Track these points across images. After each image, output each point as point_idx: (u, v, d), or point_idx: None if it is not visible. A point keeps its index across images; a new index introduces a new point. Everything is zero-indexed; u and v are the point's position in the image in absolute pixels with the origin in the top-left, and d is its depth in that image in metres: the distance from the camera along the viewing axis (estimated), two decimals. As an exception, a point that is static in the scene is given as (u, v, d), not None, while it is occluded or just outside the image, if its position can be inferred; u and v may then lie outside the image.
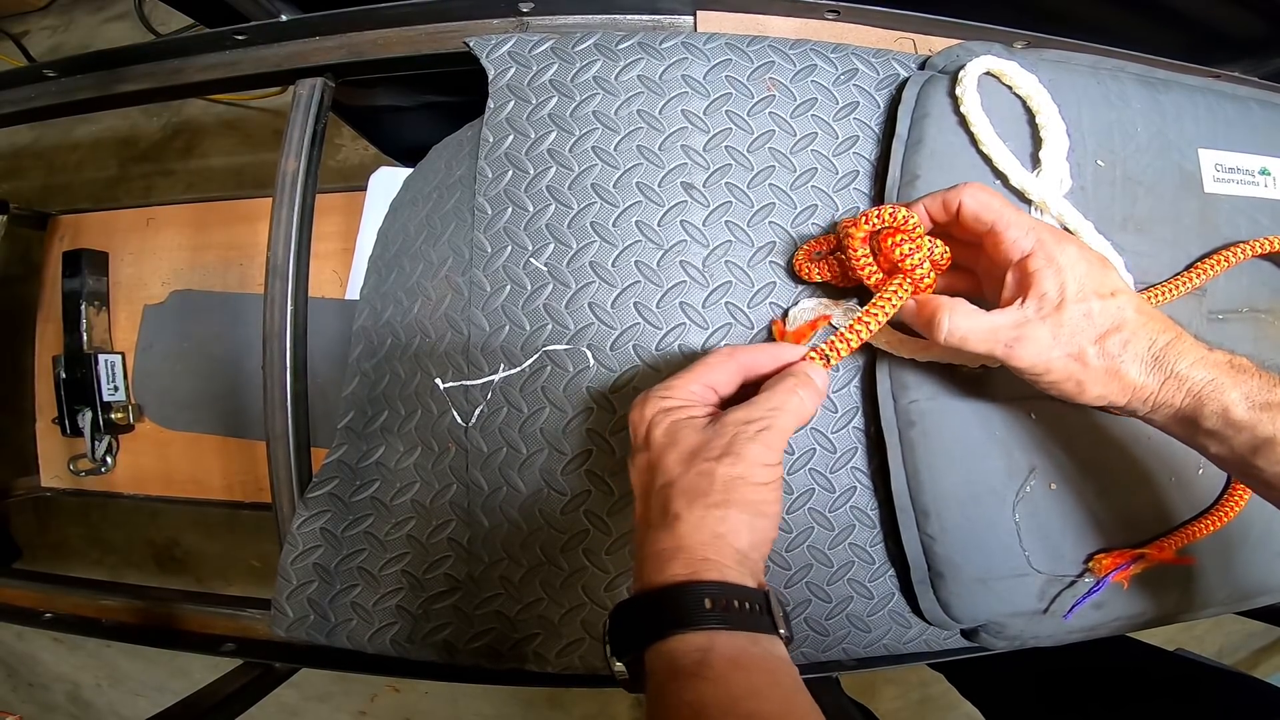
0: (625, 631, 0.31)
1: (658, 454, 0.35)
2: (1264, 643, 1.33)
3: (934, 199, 0.37)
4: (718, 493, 0.32)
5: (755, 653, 0.29)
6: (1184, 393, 0.34)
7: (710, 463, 0.33)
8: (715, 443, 0.33)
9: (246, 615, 0.53)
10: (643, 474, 0.35)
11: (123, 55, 0.56)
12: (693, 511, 0.32)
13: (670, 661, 0.29)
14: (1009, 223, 0.35)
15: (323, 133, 0.54)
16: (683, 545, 0.31)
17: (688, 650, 0.29)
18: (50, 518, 1.42)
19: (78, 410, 0.77)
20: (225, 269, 0.80)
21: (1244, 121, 0.49)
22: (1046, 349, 0.35)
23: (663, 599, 0.30)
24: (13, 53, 1.49)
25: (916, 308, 0.37)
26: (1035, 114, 0.43)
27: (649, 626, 0.30)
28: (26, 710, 1.43)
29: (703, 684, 0.27)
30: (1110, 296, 0.34)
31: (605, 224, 0.46)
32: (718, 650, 0.29)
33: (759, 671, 0.29)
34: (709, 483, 0.32)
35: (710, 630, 0.29)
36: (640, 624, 0.31)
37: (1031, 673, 0.68)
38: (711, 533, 0.32)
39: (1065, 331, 0.34)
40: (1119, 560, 0.43)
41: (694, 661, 0.28)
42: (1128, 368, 0.34)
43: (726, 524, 0.32)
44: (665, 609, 0.30)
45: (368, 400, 0.50)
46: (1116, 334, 0.34)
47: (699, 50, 0.47)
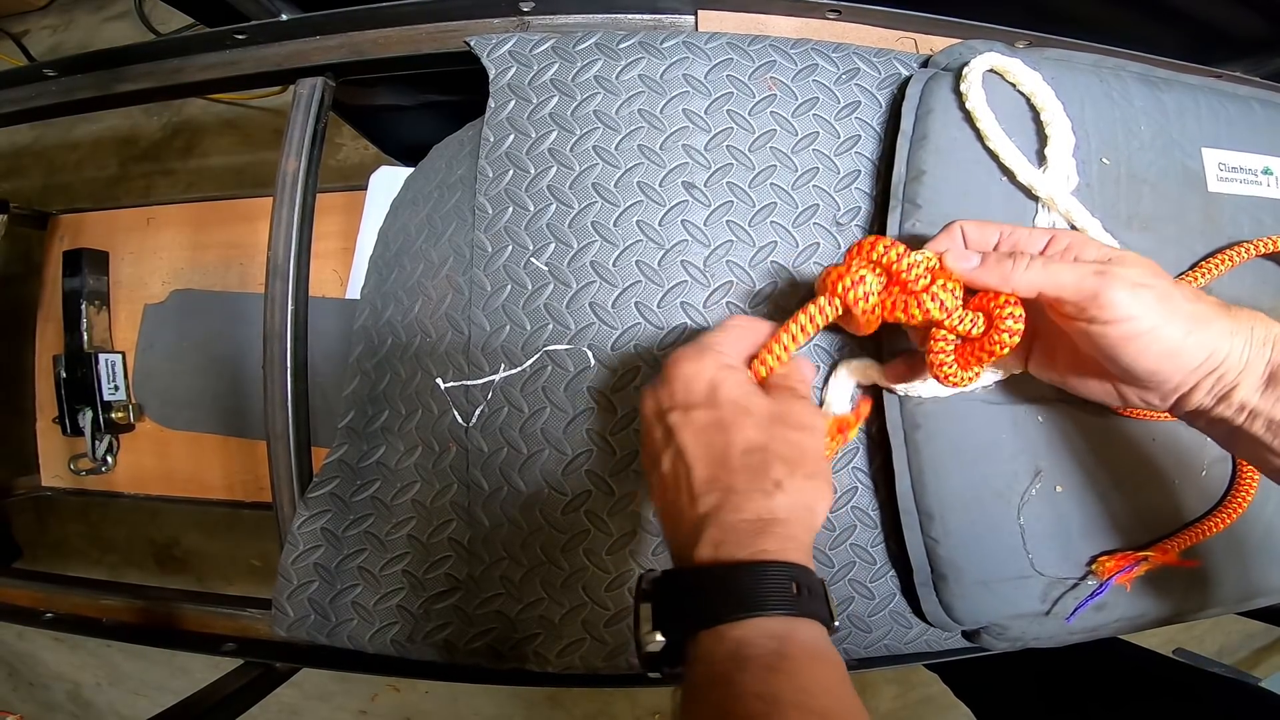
0: (679, 604, 0.29)
1: (733, 413, 0.32)
2: (1264, 642, 1.33)
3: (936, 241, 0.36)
4: (811, 463, 0.31)
5: (825, 645, 0.27)
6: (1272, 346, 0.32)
7: (795, 432, 0.31)
8: (791, 411, 0.32)
9: (247, 615, 0.53)
10: (707, 433, 0.32)
11: (123, 55, 0.56)
12: (794, 481, 0.30)
13: (738, 648, 0.26)
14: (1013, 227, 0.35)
15: (323, 132, 0.54)
16: (779, 518, 0.29)
17: (762, 637, 0.26)
18: (51, 517, 1.42)
19: (78, 409, 0.77)
20: (226, 268, 0.80)
21: (1246, 121, 0.49)
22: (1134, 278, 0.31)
23: (744, 576, 0.28)
24: (13, 52, 1.49)
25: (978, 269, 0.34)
26: (1039, 111, 0.43)
27: (721, 604, 0.27)
28: (27, 710, 1.43)
29: (777, 676, 0.25)
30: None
31: (606, 223, 0.45)
32: (797, 640, 0.26)
33: (830, 665, 0.27)
34: (800, 453, 0.31)
35: (789, 617, 0.27)
36: (710, 600, 0.28)
37: (1030, 673, 0.68)
38: (806, 506, 0.30)
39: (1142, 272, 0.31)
40: (1122, 563, 0.43)
41: (769, 650, 0.26)
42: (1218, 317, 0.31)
43: (818, 498, 0.31)
44: (745, 588, 0.27)
45: (368, 400, 0.50)
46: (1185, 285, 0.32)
47: (700, 49, 0.47)
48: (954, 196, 0.42)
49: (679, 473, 0.32)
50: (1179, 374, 0.32)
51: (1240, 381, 0.32)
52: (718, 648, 0.26)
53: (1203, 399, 0.33)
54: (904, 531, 0.43)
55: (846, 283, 0.35)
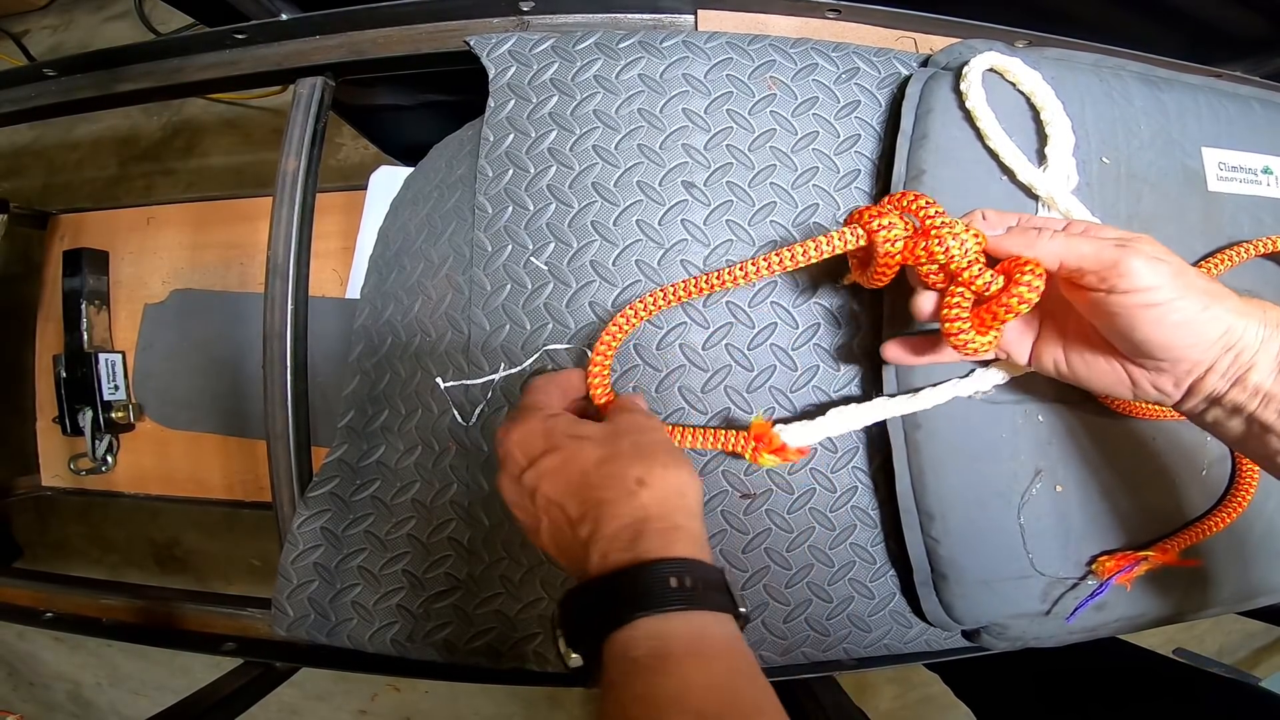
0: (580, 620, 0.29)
1: (572, 446, 0.33)
2: (1264, 642, 1.33)
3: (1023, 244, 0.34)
4: (663, 455, 0.32)
5: (716, 635, 0.27)
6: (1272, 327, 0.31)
7: (637, 434, 0.33)
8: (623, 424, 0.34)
9: (247, 614, 0.53)
10: (561, 472, 0.33)
11: (123, 54, 0.56)
12: (653, 472, 0.31)
13: (626, 650, 0.26)
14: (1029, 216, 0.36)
15: (323, 132, 0.54)
16: (652, 514, 0.29)
17: (645, 638, 0.26)
18: (51, 517, 1.42)
19: (78, 409, 0.77)
20: (225, 268, 0.80)
21: (1246, 120, 0.49)
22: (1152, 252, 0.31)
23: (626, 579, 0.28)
24: (13, 52, 1.49)
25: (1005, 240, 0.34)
26: (1039, 110, 0.43)
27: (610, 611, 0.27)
28: (27, 709, 1.43)
29: (656, 677, 0.25)
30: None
31: (606, 223, 0.45)
32: (676, 635, 0.26)
33: (718, 658, 0.27)
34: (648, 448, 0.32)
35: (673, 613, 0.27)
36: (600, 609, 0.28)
37: (1030, 673, 0.68)
38: (676, 492, 0.31)
39: (1158, 248, 0.32)
40: (1122, 562, 0.43)
41: (650, 650, 0.26)
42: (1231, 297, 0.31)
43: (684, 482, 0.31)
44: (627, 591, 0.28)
45: (368, 399, 0.50)
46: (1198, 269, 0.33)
47: (700, 49, 0.47)
48: (954, 195, 0.42)
49: (555, 518, 0.33)
50: (1196, 349, 0.32)
51: (1256, 362, 0.31)
52: (612, 654, 0.27)
53: (1217, 382, 0.32)
54: (904, 531, 0.43)
55: (882, 222, 0.35)
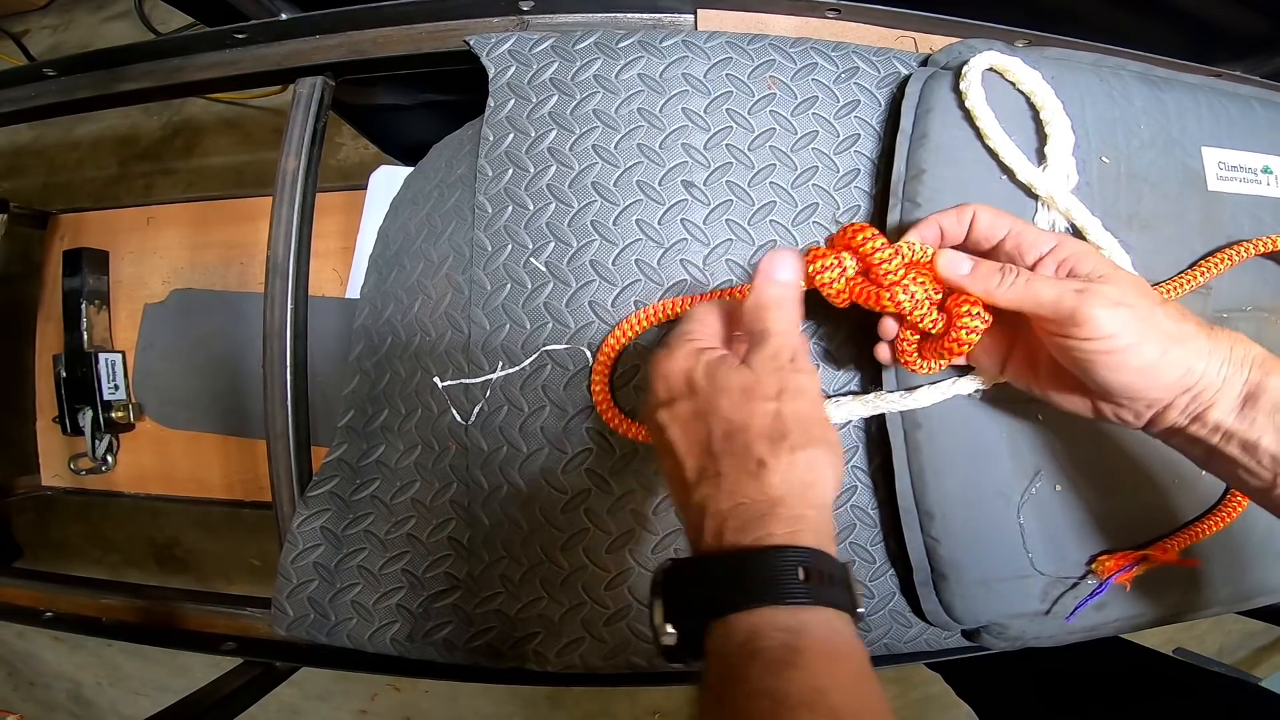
0: (690, 595, 0.27)
1: (708, 399, 0.30)
2: (1264, 642, 1.33)
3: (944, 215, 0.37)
4: (796, 433, 0.28)
5: (844, 635, 0.26)
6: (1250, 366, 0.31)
7: (771, 402, 0.29)
8: (761, 380, 0.30)
9: (247, 614, 0.53)
10: (691, 424, 0.31)
11: (123, 54, 0.56)
12: (779, 457, 0.28)
13: (749, 640, 0.25)
14: (1024, 225, 0.36)
15: (323, 131, 0.54)
16: (775, 497, 0.27)
17: (774, 629, 0.25)
18: (51, 517, 1.42)
19: (78, 409, 0.77)
20: (225, 268, 0.80)
21: (1246, 120, 0.49)
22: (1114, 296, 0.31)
23: (748, 563, 0.26)
24: (13, 52, 1.49)
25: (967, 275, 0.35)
26: (1039, 110, 0.43)
27: (726, 594, 0.26)
28: (28, 709, 1.43)
29: (788, 672, 0.24)
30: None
31: (605, 222, 0.45)
32: (810, 633, 0.25)
33: (848, 659, 0.25)
34: (782, 423, 0.29)
35: (802, 606, 0.25)
36: (715, 590, 0.26)
37: (1031, 673, 0.68)
38: (801, 481, 0.28)
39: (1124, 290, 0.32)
40: (1122, 562, 0.43)
41: (781, 644, 0.24)
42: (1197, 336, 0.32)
43: (815, 469, 0.28)
44: (750, 577, 0.26)
45: (368, 399, 0.50)
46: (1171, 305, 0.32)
47: (699, 48, 0.47)
48: (953, 195, 0.42)
49: (673, 469, 0.31)
50: (1153, 391, 0.32)
51: (1216, 401, 0.32)
52: (729, 639, 0.25)
53: (1177, 418, 0.33)
54: (904, 530, 0.43)
55: (818, 265, 0.36)
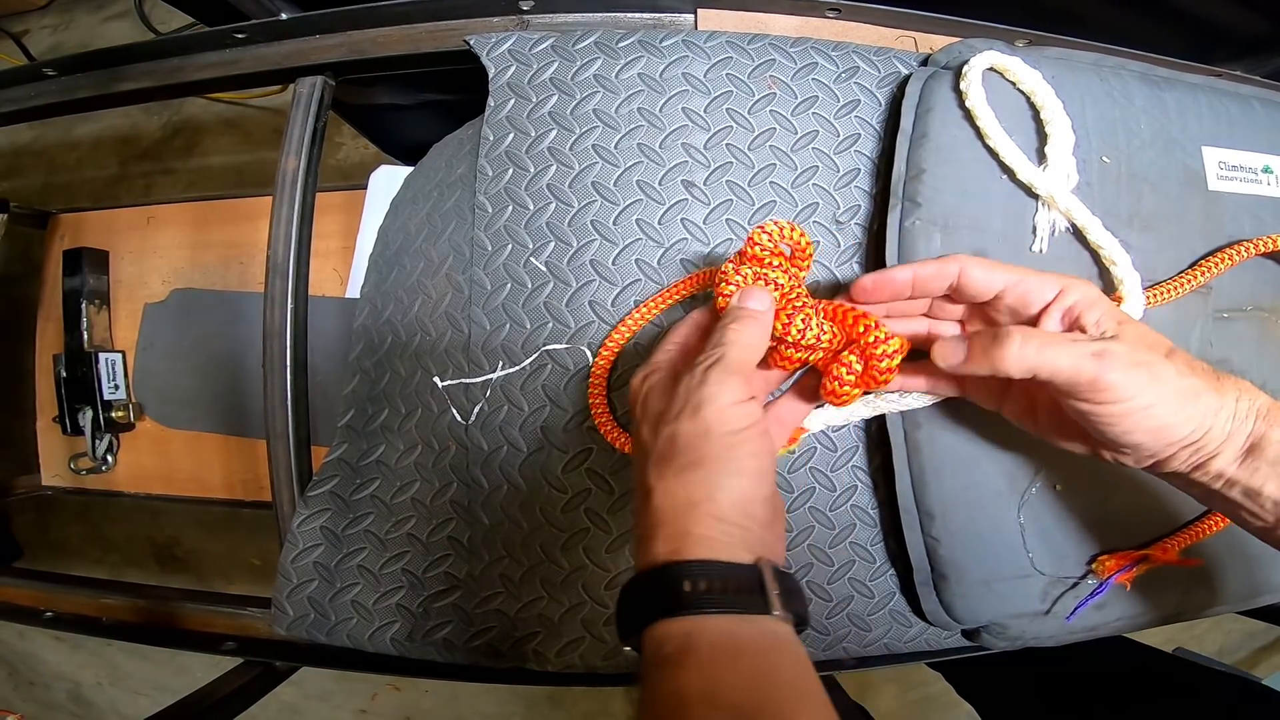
0: (622, 616, 0.30)
1: (637, 427, 0.33)
2: (1264, 642, 1.33)
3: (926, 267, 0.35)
4: (683, 454, 0.30)
5: (746, 635, 0.27)
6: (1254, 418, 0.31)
7: (672, 424, 0.31)
8: (674, 402, 0.31)
9: (247, 614, 0.53)
10: (635, 454, 0.34)
11: (123, 54, 0.56)
12: (663, 480, 0.30)
13: (655, 648, 0.27)
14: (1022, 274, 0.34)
15: (323, 131, 0.54)
16: (660, 520, 0.30)
17: (670, 636, 0.27)
18: (51, 516, 1.42)
19: (78, 409, 0.77)
20: (226, 267, 0.80)
21: (1246, 119, 0.49)
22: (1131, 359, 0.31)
23: (648, 582, 0.29)
24: (13, 51, 1.49)
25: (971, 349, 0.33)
26: (1040, 110, 0.43)
27: (637, 612, 0.29)
28: (28, 709, 1.43)
29: (684, 673, 0.26)
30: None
31: (606, 222, 0.45)
32: (701, 636, 0.27)
33: (749, 657, 0.26)
34: (673, 446, 0.30)
35: (691, 616, 0.27)
36: (631, 609, 0.29)
37: (1032, 673, 0.68)
38: (686, 501, 0.29)
39: (1137, 348, 0.31)
40: (1122, 562, 0.43)
41: (676, 649, 0.26)
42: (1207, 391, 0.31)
43: (698, 488, 0.29)
44: (650, 593, 0.28)
45: (368, 398, 0.50)
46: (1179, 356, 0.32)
47: (699, 48, 0.47)
48: (954, 194, 0.42)
49: None
50: (1160, 446, 0.32)
51: (1220, 452, 0.32)
52: (646, 650, 0.28)
53: (1179, 466, 0.33)
54: (904, 530, 0.43)
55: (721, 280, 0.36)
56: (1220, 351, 0.46)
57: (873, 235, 0.46)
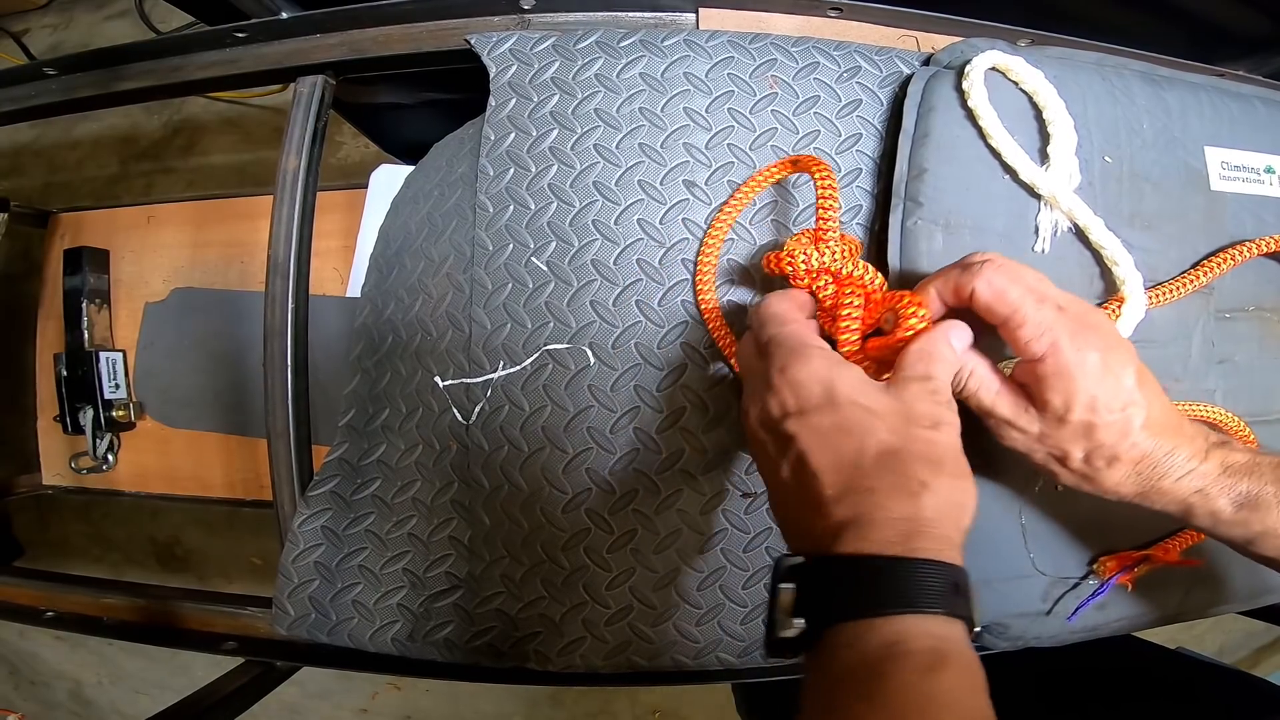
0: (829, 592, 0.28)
1: (856, 415, 0.31)
2: (1264, 641, 1.33)
3: (946, 281, 0.34)
4: (952, 464, 0.30)
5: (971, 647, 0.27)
6: (1166, 502, 0.34)
7: (929, 431, 0.31)
8: (918, 409, 0.31)
9: (248, 613, 0.53)
10: (834, 438, 0.31)
11: (123, 53, 0.56)
12: (940, 481, 0.29)
13: (897, 642, 0.26)
14: (1023, 320, 0.32)
15: (323, 130, 0.54)
16: (930, 518, 0.29)
17: (921, 635, 0.26)
18: (52, 515, 1.42)
19: (79, 408, 0.77)
20: (226, 266, 0.80)
21: (1249, 119, 0.49)
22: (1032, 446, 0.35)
23: (901, 571, 0.27)
24: (13, 51, 1.49)
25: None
26: (1042, 109, 0.43)
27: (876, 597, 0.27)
28: (28, 708, 1.43)
29: (935, 676, 0.25)
30: (1120, 411, 0.32)
31: (607, 222, 0.45)
32: (956, 641, 0.27)
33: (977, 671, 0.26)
34: (940, 452, 0.30)
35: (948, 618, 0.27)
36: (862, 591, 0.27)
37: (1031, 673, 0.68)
38: (954, 505, 0.30)
39: (1055, 439, 0.34)
40: (1124, 562, 0.43)
41: (927, 649, 0.26)
42: (1106, 478, 0.34)
43: (965, 496, 0.30)
44: (903, 584, 0.27)
45: (369, 398, 0.50)
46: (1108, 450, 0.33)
47: (701, 47, 0.47)
48: (956, 194, 0.42)
49: (803, 482, 0.31)
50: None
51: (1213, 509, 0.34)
52: (868, 639, 0.26)
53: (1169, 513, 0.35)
54: (905, 530, 0.43)
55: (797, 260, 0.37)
56: (1222, 351, 0.46)
57: (874, 235, 0.46)
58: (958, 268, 0.34)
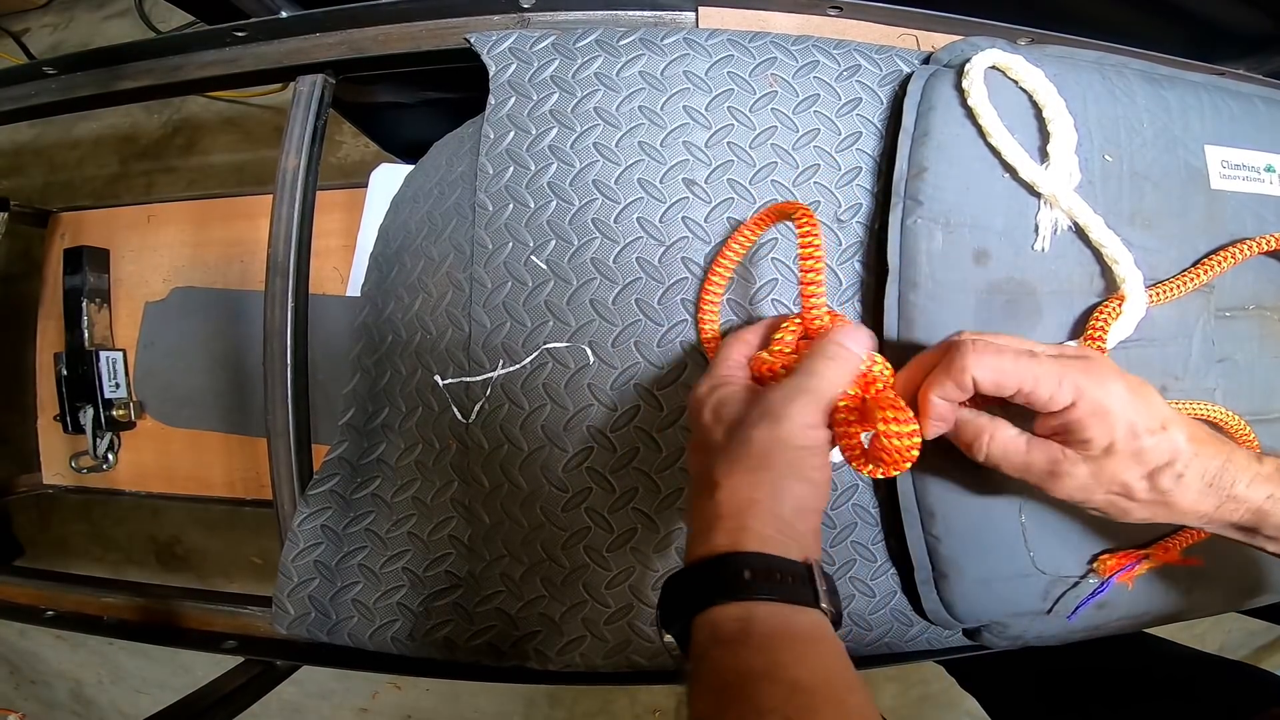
0: (672, 603, 0.32)
1: (707, 430, 0.35)
2: (1265, 641, 1.33)
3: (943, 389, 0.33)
4: (755, 457, 0.32)
5: (800, 623, 0.29)
6: (1242, 511, 0.33)
7: (749, 429, 0.33)
8: (754, 410, 0.34)
9: (248, 613, 0.53)
10: (697, 454, 0.36)
11: (123, 52, 0.56)
12: (731, 477, 0.32)
13: (713, 630, 0.29)
14: (1035, 381, 0.32)
15: (323, 129, 0.54)
16: (722, 513, 0.32)
17: (728, 619, 0.29)
18: (52, 515, 1.42)
19: (79, 407, 0.77)
20: (226, 266, 0.80)
21: (1249, 118, 0.49)
22: (1087, 486, 0.33)
23: (705, 570, 0.31)
24: (13, 50, 1.49)
25: (958, 426, 0.35)
26: (1042, 108, 0.43)
27: (693, 597, 0.30)
28: (29, 708, 1.43)
29: (746, 651, 0.28)
30: (1161, 430, 0.32)
31: (607, 220, 0.45)
32: (758, 620, 0.29)
33: (802, 641, 0.29)
34: (747, 448, 0.33)
35: (750, 601, 0.29)
36: (685, 595, 0.31)
37: (1031, 672, 0.68)
38: (748, 498, 0.32)
39: (1109, 472, 0.33)
40: (1124, 561, 0.43)
41: (736, 630, 0.28)
42: (1180, 497, 0.33)
43: (763, 488, 0.32)
44: (707, 579, 0.30)
45: (369, 397, 0.50)
46: (1169, 469, 0.32)
47: (701, 46, 0.47)
48: (956, 193, 0.42)
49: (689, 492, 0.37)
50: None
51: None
52: (701, 633, 0.30)
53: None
54: (905, 529, 0.43)
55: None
56: (1223, 350, 0.46)
57: (874, 234, 0.46)
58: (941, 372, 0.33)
